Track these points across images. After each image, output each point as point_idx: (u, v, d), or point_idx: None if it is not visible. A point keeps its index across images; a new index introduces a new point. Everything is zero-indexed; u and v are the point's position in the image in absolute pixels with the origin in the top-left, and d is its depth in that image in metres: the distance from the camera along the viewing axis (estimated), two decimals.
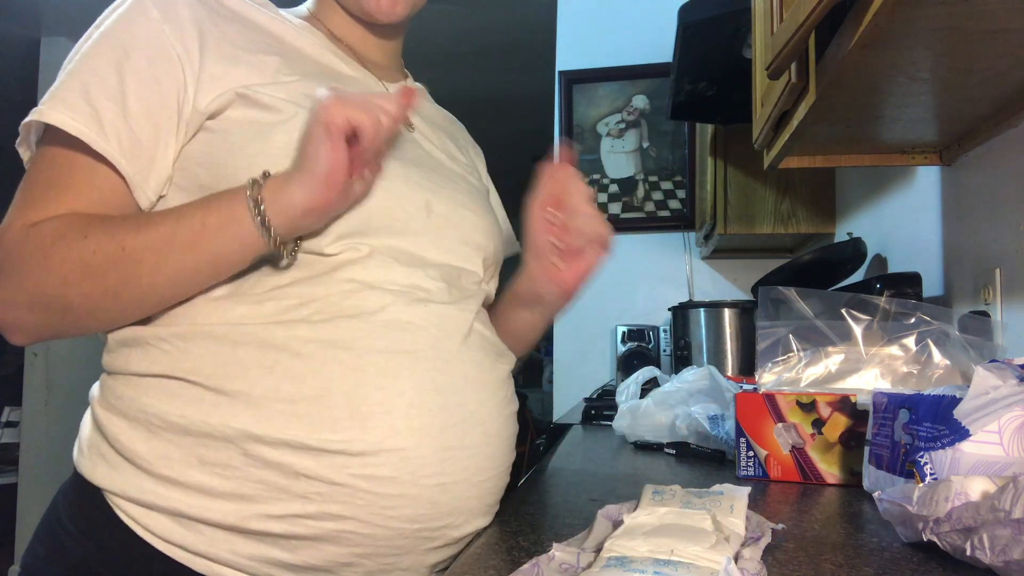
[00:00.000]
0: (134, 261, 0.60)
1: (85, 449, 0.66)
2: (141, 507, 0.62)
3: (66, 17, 3.35)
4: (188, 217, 0.62)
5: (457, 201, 0.77)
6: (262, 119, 0.65)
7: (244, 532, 0.61)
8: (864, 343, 0.90)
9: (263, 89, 0.66)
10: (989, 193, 1.09)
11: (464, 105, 1.20)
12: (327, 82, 0.69)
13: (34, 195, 0.64)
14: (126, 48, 0.64)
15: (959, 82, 0.87)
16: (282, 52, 0.72)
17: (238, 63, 0.67)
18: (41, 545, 0.67)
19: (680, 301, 2.18)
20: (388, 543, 0.64)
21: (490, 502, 0.71)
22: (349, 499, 0.61)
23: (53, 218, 0.62)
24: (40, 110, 0.63)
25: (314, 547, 0.62)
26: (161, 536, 0.62)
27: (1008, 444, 0.58)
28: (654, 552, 0.49)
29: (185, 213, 0.62)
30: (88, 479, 0.65)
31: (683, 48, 1.70)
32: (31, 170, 0.66)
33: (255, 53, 0.69)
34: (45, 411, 3.56)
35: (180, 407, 0.62)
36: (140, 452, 0.62)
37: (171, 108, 0.65)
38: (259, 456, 0.61)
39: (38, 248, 0.61)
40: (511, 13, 3.26)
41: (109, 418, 0.65)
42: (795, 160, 1.23)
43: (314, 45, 0.76)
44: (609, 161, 2.69)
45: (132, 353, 0.65)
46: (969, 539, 0.49)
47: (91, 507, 0.64)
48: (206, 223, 0.61)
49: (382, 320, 0.65)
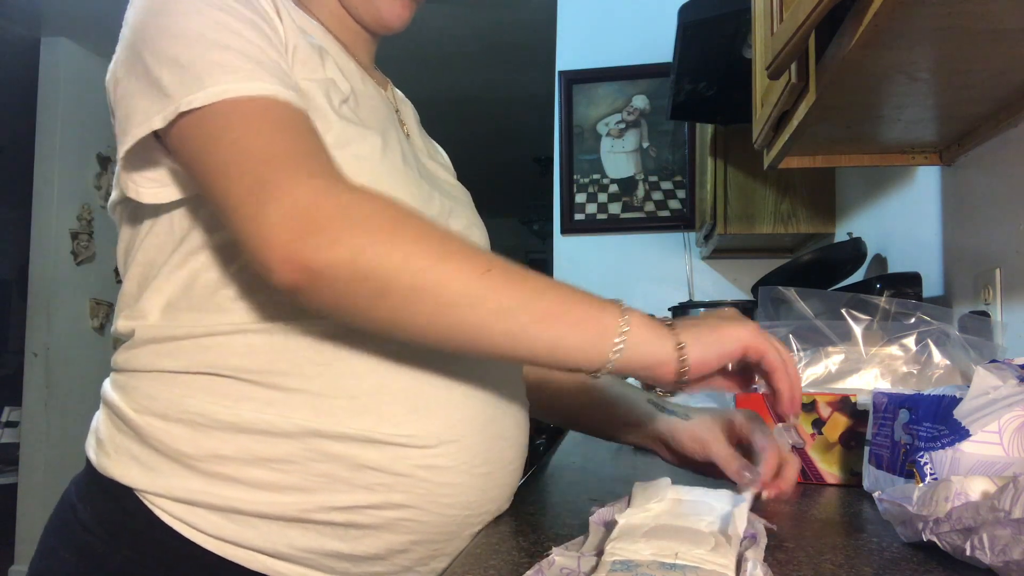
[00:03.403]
0: (487, 288, 0.56)
1: (110, 451, 0.65)
2: (187, 506, 0.62)
3: (66, 17, 3.35)
4: (571, 292, 0.60)
5: (467, 217, 0.80)
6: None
7: (304, 524, 0.62)
8: (864, 343, 0.90)
9: (315, 86, 0.66)
10: (989, 193, 1.09)
11: (464, 105, 1.20)
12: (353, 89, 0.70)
13: (301, 153, 0.58)
14: (236, 9, 0.62)
15: (959, 82, 0.87)
16: (319, 48, 0.70)
17: (296, 48, 0.66)
18: (67, 552, 0.65)
19: (680, 301, 2.19)
20: (440, 529, 0.66)
21: (515, 487, 0.75)
22: (410, 488, 0.63)
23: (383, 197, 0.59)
24: (248, 85, 0.58)
25: (374, 535, 0.63)
26: (211, 534, 0.61)
27: (1008, 444, 0.58)
28: (658, 555, 0.49)
29: (567, 289, 0.60)
30: (118, 481, 0.63)
31: (683, 48, 1.70)
32: (259, 131, 0.58)
33: (302, 40, 0.68)
34: (45, 411, 3.56)
35: (231, 405, 0.62)
36: (186, 451, 0.62)
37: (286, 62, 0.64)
38: (321, 450, 0.61)
39: (389, 218, 0.58)
40: (511, 13, 3.26)
41: (142, 418, 0.64)
42: (795, 160, 1.23)
43: (333, 45, 0.75)
44: (609, 161, 2.69)
45: (162, 350, 0.64)
46: (969, 539, 0.49)
47: (120, 509, 0.63)
48: (588, 309, 0.59)
49: None
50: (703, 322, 0.62)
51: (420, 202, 0.70)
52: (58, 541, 0.67)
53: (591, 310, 0.59)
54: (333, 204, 0.56)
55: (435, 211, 0.72)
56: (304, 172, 0.57)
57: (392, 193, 0.66)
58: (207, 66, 0.58)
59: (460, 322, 0.57)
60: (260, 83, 0.59)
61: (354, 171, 0.63)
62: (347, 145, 0.65)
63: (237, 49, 0.59)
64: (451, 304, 0.56)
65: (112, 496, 0.64)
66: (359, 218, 0.56)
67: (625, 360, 0.58)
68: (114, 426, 0.66)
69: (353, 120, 0.67)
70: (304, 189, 0.56)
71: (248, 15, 0.62)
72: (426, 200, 0.71)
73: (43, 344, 3.57)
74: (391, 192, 0.66)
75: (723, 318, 0.64)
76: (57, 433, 3.57)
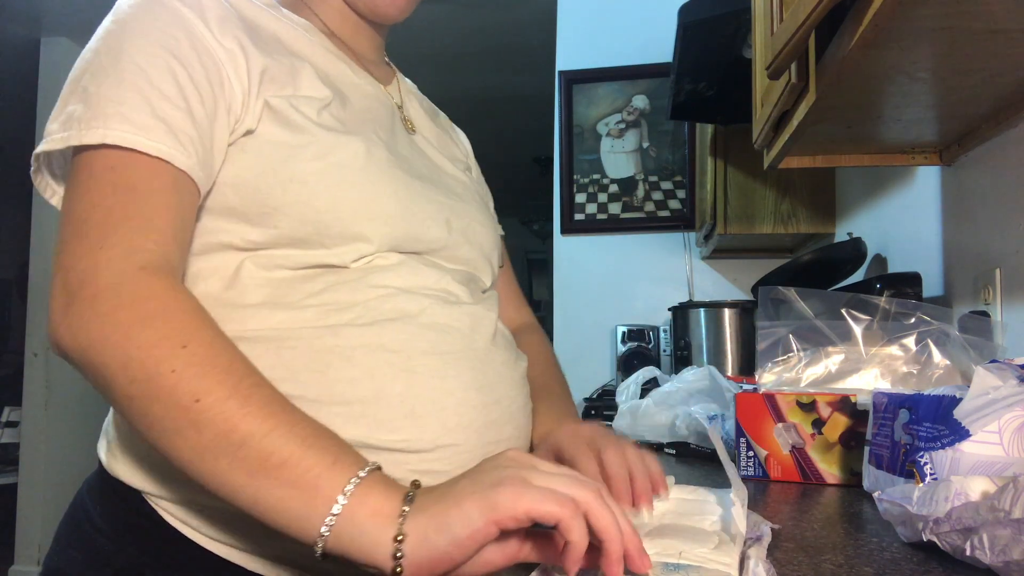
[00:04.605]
0: (190, 422, 0.51)
1: (119, 453, 0.65)
2: (190, 510, 0.62)
3: (66, 17, 3.35)
4: (288, 439, 0.51)
5: (470, 215, 0.79)
6: (291, 141, 0.64)
7: None
8: (864, 343, 0.90)
9: (286, 103, 0.65)
10: (989, 193, 1.09)
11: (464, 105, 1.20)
12: (338, 94, 0.70)
13: (113, 222, 0.56)
14: (169, 48, 0.60)
15: (959, 82, 0.87)
16: (293, 60, 0.70)
17: (264, 70, 0.66)
18: (76, 550, 0.66)
19: (680, 301, 2.19)
20: None
21: None
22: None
23: (170, 285, 0.56)
24: (102, 132, 0.57)
25: None
26: (214, 537, 0.62)
27: (1008, 444, 0.58)
28: (661, 555, 0.49)
29: (294, 435, 0.51)
30: (126, 483, 0.64)
31: (683, 48, 1.70)
32: (93, 191, 0.57)
33: (273, 58, 0.68)
34: (45, 411, 3.56)
35: None
36: None
37: (223, 113, 0.63)
38: None
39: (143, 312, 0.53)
40: (511, 13, 3.26)
41: None
42: (795, 160, 1.23)
43: (318, 49, 0.75)
44: (609, 161, 2.69)
45: None
46: (969, 539, 0.49)
47: (127, 509, 0.64)
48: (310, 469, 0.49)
49: (423, 323, 0.67)
50: (450, 491, 0.48)
51: (407, 205, 0.69)
52: (69, 539, 0.67)
53: (311, 473, 0.49)
54: (100, 284, 0.53)
55: (427, 213, 0.72)
56: (100, 243, 0.55)
57: (374, 198, 0.66)
58: (103, 106, 0.58)
59: (169, 446, 0.52)
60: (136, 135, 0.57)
61: (335, 179, 0.64)
62: (327, 155, 0.65)
63: (144, 97, 0.59)
64: (158, 427, 0.52)
65: (121, 496, 0.64)
66: (110, 306, 0.53)
67: (336, 547, 0.48)
68: (123, 428, 0.67)
69: (334, 127, 0.67)
70: (87, 262, 0.54)
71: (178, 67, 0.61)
72: (413, 201, 0.70)
73: (43, 344, 3.56)
74: (373, 198, 0.66)
75: (480, 472, 0.49)
76: (57, 433, 3.57)
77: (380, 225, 0.67)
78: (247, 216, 0.64)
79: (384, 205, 0.67)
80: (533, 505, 0.45)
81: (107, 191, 0.57)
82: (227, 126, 0.63)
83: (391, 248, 0.68)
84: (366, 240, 0.66)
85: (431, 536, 0.46)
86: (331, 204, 0.64)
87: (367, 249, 0.66)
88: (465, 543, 0.46)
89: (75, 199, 0.58)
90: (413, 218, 0.70)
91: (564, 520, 0.45)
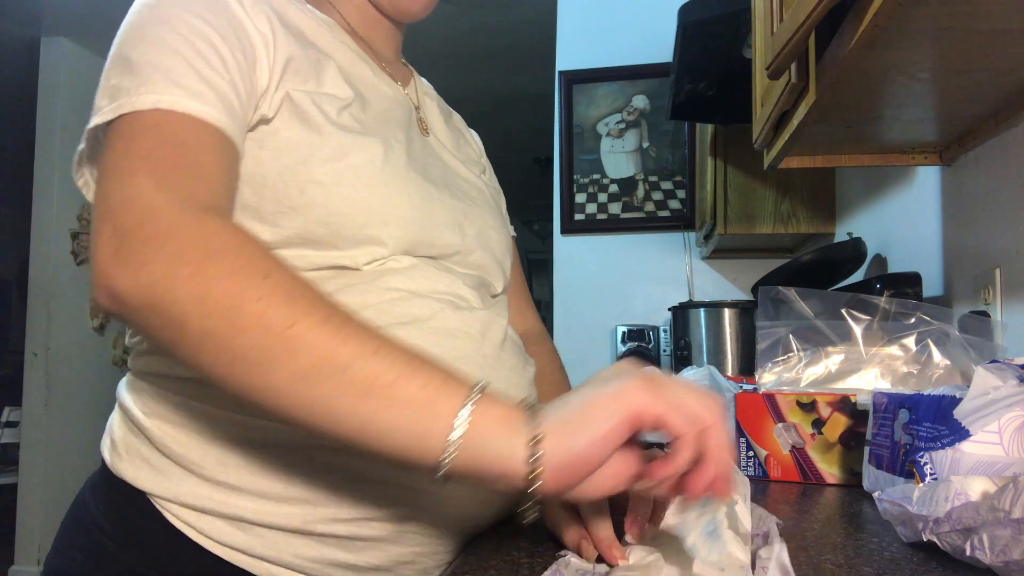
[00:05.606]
0: (285, 349, 0.47)
1: (123, 453, 0.65)
2: (196, 511, 0.62)
3: (66, 17, 3.35)
4: (394, 359, 0.47)
5: (484, 220, 0.79)
6: (309, 141, 0.64)
7: (308, 535, 0.61)
8: (864, 343, 0.90)
9: (307, 98, 0.65)
10: (989, 193, 1.09)
11: (464, 105, 1.20)
12: (359, 95, 0.70)
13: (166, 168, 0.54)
14: (209, 22, 0.60)
15: (959, 82, 0.87)
16: (319, 55, 0.70)
17: (289, 59, 0.66)
18: (78, 551, 0.65)
19: (680, 301, 2.19)
20: (445, 540, 0.66)
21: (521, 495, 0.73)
22: (415, 500, 0.62)
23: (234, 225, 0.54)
24: (155, 98, 0.55)
25: (378, 548, 0.63)
26: (218, 540, 0.61)
27: (1008, 444, 0.58)
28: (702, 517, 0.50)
29: (399, 357, 0.48)
30: (130, 483, 0.64)
31: (683, 48, 1.70)
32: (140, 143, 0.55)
33: (300, 49, 0.68)
34: (45, 411, 3.56)
35: (235, 412, 0.61)
36: (193, 458, 0.62)
37: (255, 92, 0.63)
38: (325, 461, 0.61)
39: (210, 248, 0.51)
40: (511, 13, 3.26)
41: (152, 422, 0.64)
42: (795, 160, 1.23)
43: (341, 47, 0.74)
44: (609, 161, 2.69)
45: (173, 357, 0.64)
46: (969, 539, 0.49)
47: (132, 510, 0.63)
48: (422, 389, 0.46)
49: (434, 327, 0.66)
50: (575, 396, 0.47)
51: (422, 209, 0.69)
52: (71, 539, 0.67)
53: (425, 390, 0.47)
54: (160, 225, 0.51)
55: (441, 217, 0.72)
56: (156, 186, 0.52)
57: (389, 202, 0.66)
58: (151, 74, 0.57)
59: (257, 380, 0.48)
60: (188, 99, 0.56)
61: (351, 182, 0.64)
62: (344, 156, 0.65)
63: (189, 64, 0.58)
64: (243, 359, 0.48)
65: (124, 496, 0.64)
66: (176, 243, 0.50)
67: (463, 463, 0.46)
68: (127, 428, 0.66)
69: (353, 128, 0.67)
70: (141, 204, 0.51)
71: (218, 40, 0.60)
72: (428, 206, 0.70)
73: (43, 344, 3.57)
74: (389, 202, 0.66)
75: (602, 380, 0.47)
76: (57, 433, 3.57)
77: (394, 229, 0.66)
78: (261, 214, 0.63)
79: (399, 209, 0.67)
80: (667, 410, 0.44)
81: (155, 142, 0.55)
82: (254, 107, 0.63)
83: (404, 252, 0.68)
84: (380, 243, 0.66)
85: (568, 436, 0.44)
86: (346, 206, 0.64)
87: (381, 252, 0.66)
88: (603, 441, 0.44)
89: (119, 154, 0.55)
90: (427, 222, 0.70)
91: (686, 437, 0.44)
